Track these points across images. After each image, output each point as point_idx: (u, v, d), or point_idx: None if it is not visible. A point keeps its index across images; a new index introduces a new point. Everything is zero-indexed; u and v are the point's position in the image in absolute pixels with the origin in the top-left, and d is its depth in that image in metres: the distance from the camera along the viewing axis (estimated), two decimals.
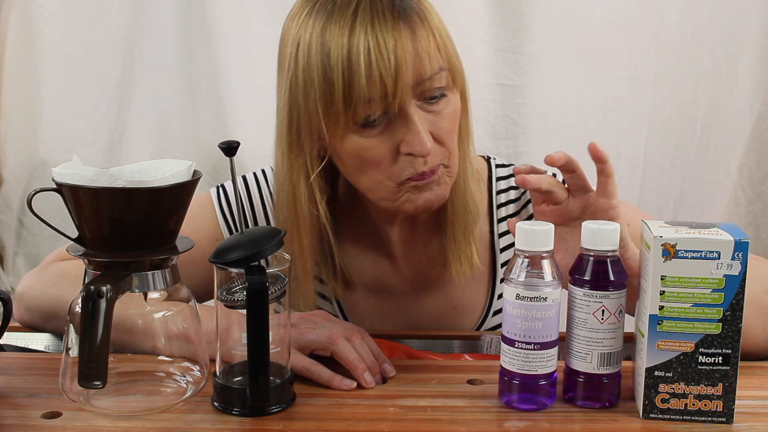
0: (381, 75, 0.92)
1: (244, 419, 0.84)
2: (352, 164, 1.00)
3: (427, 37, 0.95)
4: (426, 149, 0.96)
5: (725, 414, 0.84)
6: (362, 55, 0.92)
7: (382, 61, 0.92)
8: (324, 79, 0.94)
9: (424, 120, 0.97)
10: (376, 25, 0.92)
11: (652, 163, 1.68)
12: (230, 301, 0.84)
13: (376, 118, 0.95)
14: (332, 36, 0.93)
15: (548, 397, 0.86)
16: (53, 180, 0.82)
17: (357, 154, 0.98)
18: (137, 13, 1.62)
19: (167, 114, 1.66)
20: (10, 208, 1.68)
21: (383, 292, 1.17)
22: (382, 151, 0.97)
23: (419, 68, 0.94)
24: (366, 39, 0.92)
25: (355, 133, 0.96)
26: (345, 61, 0.92)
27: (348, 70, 0.92)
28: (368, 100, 0.93)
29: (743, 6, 1.62)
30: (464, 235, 1.09)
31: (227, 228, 1.13)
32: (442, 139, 0.99)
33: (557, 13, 1.61)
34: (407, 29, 0.94)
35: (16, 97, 1.64)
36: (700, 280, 0.81)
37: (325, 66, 0.93)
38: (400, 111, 0.95)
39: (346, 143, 0.97)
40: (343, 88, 0.93)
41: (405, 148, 0.97)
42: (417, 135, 0.95)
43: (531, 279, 0.84)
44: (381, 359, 0.96)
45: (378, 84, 0.92)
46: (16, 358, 1.05)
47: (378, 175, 0.99)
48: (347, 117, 0.95)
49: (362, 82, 0.92)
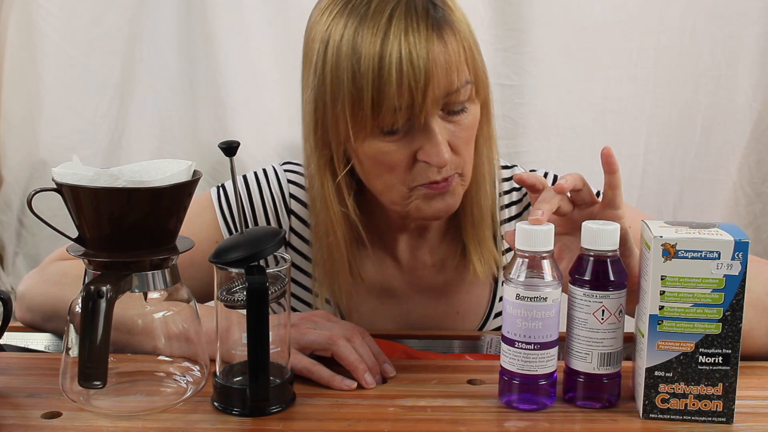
0: (410, 86, 0.92)
1: (244, 419, 0.84)
2: (369, 167, 1.00)
3: (458, 51, 0.95)
4: (443, 160, 0.96)
5: (725, 414, 0.84)
6: (394, 64, 0.91)
7: (413, 72, 0.91)
8: (353, 84, 0.93)
9: (444, 130, 0.97)
10: (410, 35, 0.92)
11: (651, 163, 1.68)
12: (230, 301, 0.84)
13: (400, 127, 0.95)
14: (364, 41, 0.92)
15: (548, 397, 0.86)
16: (53, 180, 0.82)
17: (375, 157, 0.98)
18: (137, 13, 1.61)
19: (167, 114, 1.65)
20: (10, 208, 1.67)
21: (385, 294, 1.17)
22: (400, 156, 0.97)
23: (448, 82, 0.94)
24: (399, 48, 0.91)
25: (376, 138, 0.96)
26: (376, 68, 0.92)
27: (378, 78, 0.92)
28: (395, 109, 0.93)
29: (743, 6, 1.61)
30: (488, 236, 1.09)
31: (227, 229, 1.13)
32: (459, 149, 0.99)
33: (557, 13, 1.61)
34: (440, 41, 0.93)
35: (16, 97, 1.64)
36: (700, 280, 0.81)
37: (354, 71, 0.93)
38: (424, 121, 0.95)
39: (366, 147, 0.97)
40: (372, 95, 0.92)
41: (422, 156, 0.97)
42: (436, 146, 0.95)
43: (531, 279, 0.84)
44: (381, 359, 0.96)
45: (407, 95, 0.92)
46: (16, 358, 1.05)
47: (392, 179, 0.99)
48: (373, 124, 0.94)
49: (392, 91, 0.92)
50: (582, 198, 0.92)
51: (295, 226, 1.16)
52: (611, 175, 0.90)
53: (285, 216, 1.15)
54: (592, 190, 0.92)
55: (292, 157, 1.26)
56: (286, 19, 1.61)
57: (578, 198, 0.92)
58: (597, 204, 0.92)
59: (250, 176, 1.16)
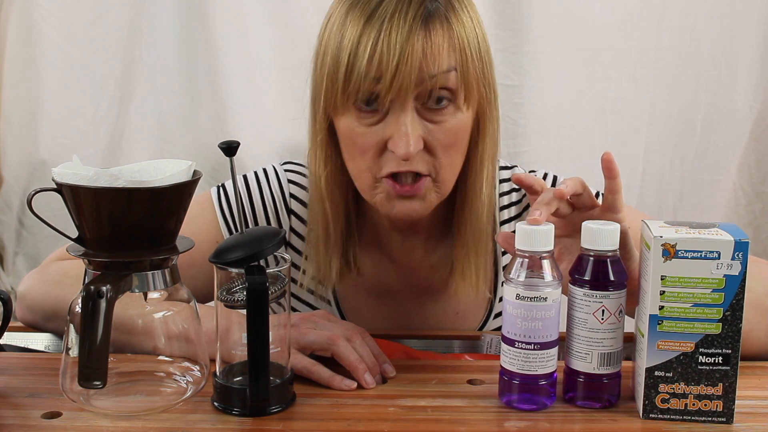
0: (381, 61, 0.93)
1: (244, 419, 0.84)
2: (345, 147, 1.02)
3: (443, 37, 0.96)
4: (407, 152, 0.95)
5: (725, 414, 0.84)
6: (371, 40, 0.94)
7: (387, 49, 0.93)
8: (332, 58, 0.97)
9: (418, 125, 0.97)
10: (394, 18, 0.94)
11: (651, 163, 1.68)
12: (230, 301, 0.84)
13: (370, 102, 0.97)
14: (352, 20, 0.96)
15: (548, 397, 0.86)
16: (53, 180, 0.82)
17: (348, 136, 1.00)
18: (137, 13, 1.61)
19: (167, 114, 1.65)
20: (10, 208, 1.67)
21: (384, 295, 1.17)
22: (370, 141, 0.98)
23: (424, 66, 0.94)
24: (380, 27, 0.94)
25: (351, 115, 0.98)
26: (355, 43, 0.95)
27: (355, 51, 0.95)
28: (362, 84, 0.95)
29: (743, 6, 1.61)
30: (476, 258, 1.09)
31: (227, 229, 1.13)
32: (435, 150, 0.98)
33: (557, 13, 1.61)
34: (424, 30, 0.94)
35: (16, 97, 1.64)
36: (700, 280, 0.81)
37: (338, 45, 0.97)
38: (394, 106, 0.95)
39: (342, 123, 1.00)
40: (346, 67, 0.95)
41: (391, 145, 0.97)
42: (403, 135, 0.96)
43: (531, 279, 0.84)
44: (381, 359, 0.96)
45: (375, 69, 0.94)
46: (16, 358, 1.05)
47: (362, 164, 1.00)
48: (344, 96, 0.97)
49: (363, 63, 0.94)
50: (582, 202, 0.92)
51: (295, 226, 1.16)
52: (611, 180, 0.90)
53: (285, 216, 1.15)
54: (592, 193, 0.92)
55: (292, 157, 1.26)
56: (286, 19, 1.61)
57: (578, 202, 0.92)
58: (597, 207, 0.92)
59: (250, 176, 1.16)
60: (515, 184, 1.13)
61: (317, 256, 1.09)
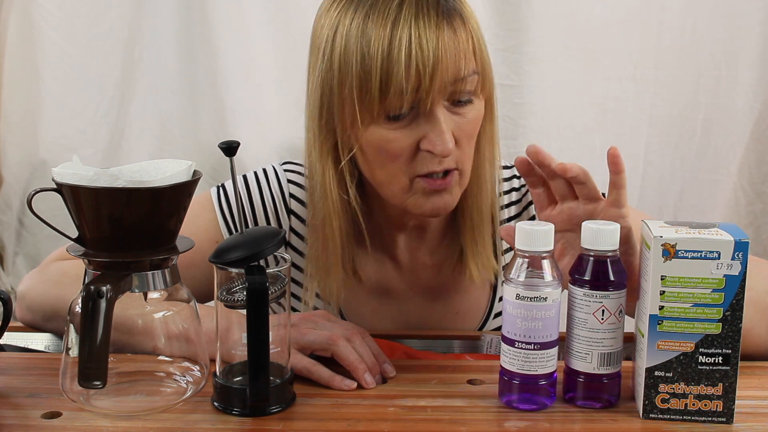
0: (418, 69, 0.92)
1: (244, 419, 0.84)
2: (372, 155, 1.00)
3: (467, 39, 0.96)
4: (447, 149, 0.96)
5: (725, 414, 0.84)
6: (403, 47, 0.92)
7: (422, 55, 0.92)
8: (362, 66, 0.94)
9: (449, 120, 0.97)
10: (420, 20, 0.93)
11: (652, 163, 1.68)
12: (230, 301, 0.84)
13: (405, 112, 0.96)
14: (374, 25, 0.93)
15: (548, 397, 0.86)
16: (53, 180, 0.82)
17: (379, 145, 0.98)
18: (137, 13, 1.61)
19: (167, 114, 1.66)
20: (10, 208, 1.67)
21: (385, 294, 1.17)
22: (403, 144, 0.97)
23: (456, 69, 0.95)
24: (408, 32, 0.92)
25: (380, 124, 0.97)
26: (385, 51, 0.92)
27: (387, 60, 0.92)
28: (402, 92, 0.93)
29: (743, 6, 1.61)
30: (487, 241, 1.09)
31: (227, 229, 1.13)
32: (461, 142, 0.99)
33: (557, 13, 1.61)
34: (450, 28, 0.94)
35: (16, 97, 1.64)
36: (700, 280, 0.81)
37: (364, 54, 0.93)
38: (429, 108, 0.95)
39: (370, 134, 0.97)
40: (380, 77, 0.93)
41: (426, 145, 0.96)
42: (441, 134, 0.95)
43: (531, 279, 0.84)
44: (381, 359, 0.96)
45: (414, 78, 0.93)
46: (16, 358, 1.05)
47: (394, 168, 0.99)
48: (380, 107, 0.95)
49: (400, 74, 0.92)
50: (585, 193, 0.90)
51: (295, 226, 1.16)
52: (617, 175, 0.89)
53: (285, 216, 1.15)
54: (596, 185, 0.90)
55: (292, 157, 1.26)
56: (286, 19, 1.61)
57: (581, 192, 0.91)
58: (601, 201, 0.91)
59: (250, 176, 1.16)
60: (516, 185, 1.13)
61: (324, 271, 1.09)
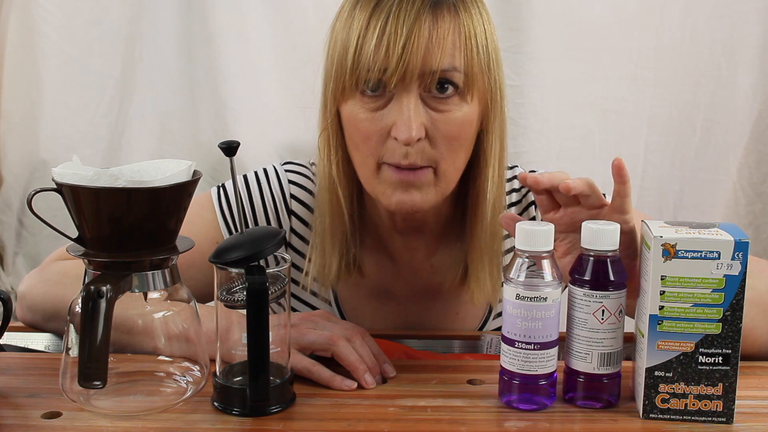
0: (388, 47, 0.95)
1: (244, 419, 0.84)
2: (349, 134, 1.02)
3: (452, 33, 0.97)
4: (409, 136, 0.96)
5: (725, 414, 0.84)
6: (379, 26, 0.95)
7: (394, 36, 0.95)
8: (342, 45, 0.99)
9: (422, 112, 0.97)
10: (402, 5, 0.96)
11: (652, 163, 1.68)
12: (230, 301, 0.84)
13: (373, 88, 0.97)
14: (361, 8, 0.98)
15: (548, 397, 0.86)
16: (53, 180, 0.82)
17: (352, 122, 1.00)
18: (137, 13, 1.61)
19: (167, 114, 1.65)
20: (10, 208, 1.67)
21: (385, 295, 1.17)
22: (373, 127, 0.99)
23: (429, 57, 0.95)
24: (387, 13, 0.95)
25: (356, 101, 0.99)
26: (363, 27, 0.96)
27: (363, 37, 0.96)
28: (370, 68, 0.96)
29: (743, 6, 1.61)
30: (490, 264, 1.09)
31: (227, 229, 1.13)
32: (437, 141, 0.98)
33: (557, 13, 1.61)
34: (431, 18, 0.96)
35: (16, 97, 1.64)
36: (700, 280, 0.81)
37: (347, 32, 0.98)
38: (399, 91, 0.96)
39: (347, 109, 1.00)
40: (354, 51, 0.97)
41: (393, 132, 0.98)
42: (406, 121, 0.96)
43: (531, 279, 0.84)
44: (381, 359, 0.96)
45: (383, 57, 0.95)
46: (16, 358, 1.05)
47: (365, 150, 1.01)
48: (351, 79, 0.98)
49: (370, 50, 0.95)
50: (590, 203, 0.90)
51: (295, 226, 1.16)
52: (622, 185, 0.88)
53: (285, 216, 1.15)
54: (601, 194, 0.90)
55: (292, 157, 1.26)
56: (286, 19, 1.61)
57: (586, 203, 0.91)
58: (605, 207, 0.91)
59: (251, 176, 1.16)
60: (517, 185, 1.13)
61: (322, 249, 1.09)
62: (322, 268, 1.10)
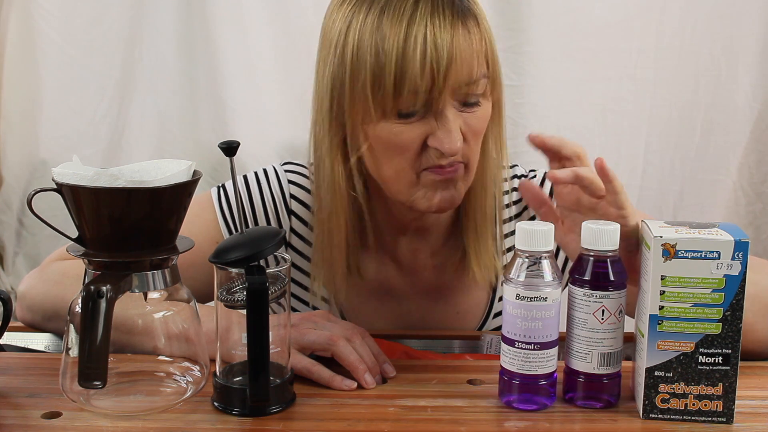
0: (432, 68, 0.92)
1: (244, 419, 0.84)
2: (380, 150, 0.99)
3: (480, 41, 0.96)
4: (455, 148, 0.96)
5: (725, 414, 0.84)
6: (419, 45, 0.92)
7: (436, 54, 0.92)
8: (376, 63, 0.94)
9: (458, 119, 0.97)
10: (436, 19, 0.93)
11: (652, 163, 1.68)
12: (230, 301, 0.84)
13: (418, 110, 0.96)
14: (389, 22, 0.93)
15: (548, 397, 0.86)
16: (53, 180, 0.82)
17: (387, 139, 0.98)
18: (137, 13, 1.61)
19: (167, 114, 1.66)
20: (10, 208, 1.67)
21: (385, 294, 1.17)
22: (411, 137, 0.97)
23: (469, 70, 0.95)
24: (424, 30, 0.92)
25: (391, 120, 0.97)
26: (400, 48, 0.92)
27: (402, 58, 0.92)
28: (416, 91, 0.93)
29: (743, 6, 1.61)
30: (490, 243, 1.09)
31: (227, 229, 1.13)
32: (467, 138, 0.99)
33: (557, 13, 1.61)
34: (464, 29, 0.95)
35: (16, 97, 1.64)
36: (700, 280, 0.81)
37: (378, 50, 0.93)
38: (440, 107, 0.95)
39: (380, 129, 0.97)
40: (395, 74, 0.93)
41: (434, 143, 0.97)
42: (450, 134, 0.96)
43: (531, 279, 0.84)
44: (381, 359, 0.96)
45: (428, 77, 0.93)
46: (16, 358, 1.05)
47: (401, 162, 0.99)
48: (393, 104, 0.95)
49: (415, 71, 0.92)
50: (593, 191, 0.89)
51: (295, 226, 1.16)
52: (609, 184, 0.88)
53: (285, 216, 1.15)
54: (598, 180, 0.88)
55: (292, 157, 1.26)
56: (286, 19, 1.61)
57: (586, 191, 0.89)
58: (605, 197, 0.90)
59: (251, 176, 1.16)
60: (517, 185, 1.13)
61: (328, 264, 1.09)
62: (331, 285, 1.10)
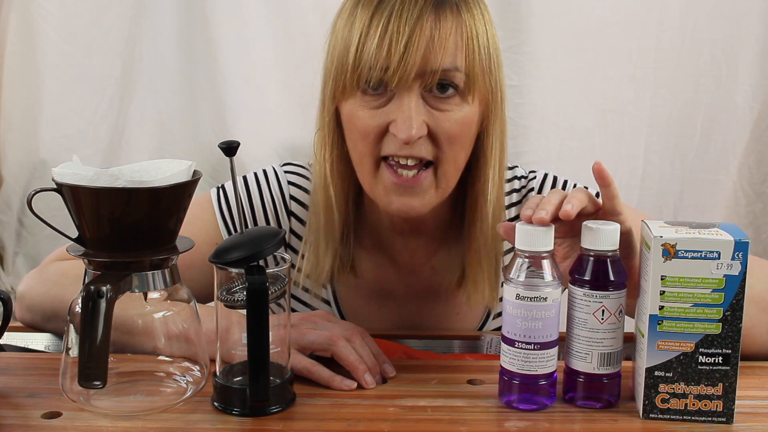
0: (390, 46, 0.94)
1: (244, 419, 0.84)
2: (348, 131, 1.02)
3: (454, 33, 0.97)
4: (409, 134, 0.96)
5: (725, 414, 0.84)
6: (381, 25, 0.95)
7: (396, 35, 0.95)
8: (343, 43, 0.98)
9: (423, 110, 0.97)
10: (405, 4, 0.96)
11: (652, 163, 1.68)
12: (230, 301, 0.84)
13: (375, 86, 0.97)
14: (362, 7, 0.98)
15: (548, 397, 0.86)
16: (53, 180, 0.82)
17: (351, 120, 1.00)
18: (137, 13, 1.61)
19: (167, 114, 1.66)
20: (10, 208, 1.67)
21: (384, 296, 1.17)
22: (372, 123, 0.99)
23: (430, 56, 0.95)
24: (390, 12, 0.95)
25: (356, 98, 0.99)
26: (366, 24, 0.96)
27: (365, 35, 0.96)
28: (371, 67, 0.96)
29: (743, 6, 1.61)
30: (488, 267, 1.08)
31: (227, 231, 1.13)
32: (439, 139, 0.99)
33: (557, 13, 1.61)
34: (434, 17, 0.96)
35: (16, 97, 1.64)
36: (700, 280, 0.81)
37: (349, 30, 0.98)
38: (399, 90, 0.96)
39: (346, 107, 1.00)
40: (357, 47, 0.97)
41: (392, 128, 0.98)
42: (407, 119, 0.96)
43: (531, 279, 0.84)
44: (381, 359, 0.96)
45: (385, 54, 0.95)
46: (16, 358, 1.05)
47: (363, 148, 1.00)
48: (352, 77, 0.97)
49: (372, 47, 0.95)
50: (586, 211, 0.90)
51: (294, 227, 1.16)
52: (606, 188, 0.88)
53: (285, 217, 1.15)
54: (597, 201, 0.90)
55: (292, 157, 1.25)
56: (286, 19, 1.61)
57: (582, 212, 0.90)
58: (599, 210, 0.91)
59: (250, 177, 1.16)
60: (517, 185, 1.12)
61: (315, 247, 1.09)
62: (314, 266, 1.10)
